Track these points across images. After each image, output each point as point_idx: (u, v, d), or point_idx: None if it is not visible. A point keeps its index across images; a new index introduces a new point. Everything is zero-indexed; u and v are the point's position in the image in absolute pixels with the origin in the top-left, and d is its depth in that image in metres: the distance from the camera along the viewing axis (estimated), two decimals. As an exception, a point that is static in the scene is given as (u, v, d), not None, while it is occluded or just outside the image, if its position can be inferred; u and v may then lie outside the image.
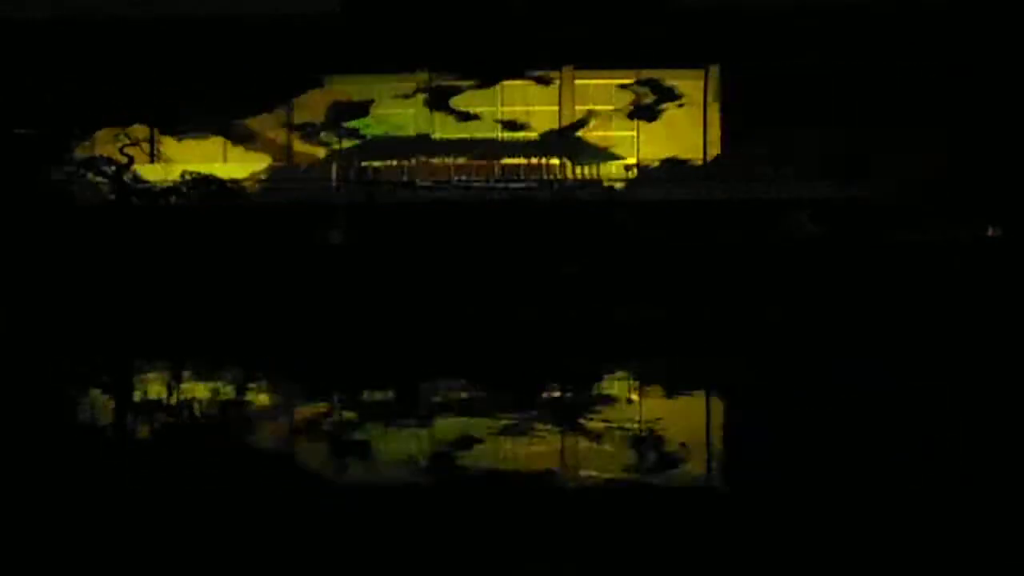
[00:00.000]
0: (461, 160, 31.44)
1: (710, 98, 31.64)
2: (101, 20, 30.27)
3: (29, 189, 26.26)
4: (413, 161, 31.11)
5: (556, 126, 31.97)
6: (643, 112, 31.77)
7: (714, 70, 31.51)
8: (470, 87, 31.82)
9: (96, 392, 13.15)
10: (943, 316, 20.73)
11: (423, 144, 31.50)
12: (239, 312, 21.87)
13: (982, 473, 8.09)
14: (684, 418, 10.79)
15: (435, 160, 31.09)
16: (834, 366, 14.63)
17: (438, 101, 32.07)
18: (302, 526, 6.53)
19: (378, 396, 12.61)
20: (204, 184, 27.14)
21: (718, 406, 11.94)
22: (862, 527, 6.47)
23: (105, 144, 30.15)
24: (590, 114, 31.69)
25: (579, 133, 31.80)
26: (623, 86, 31.82)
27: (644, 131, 31.72)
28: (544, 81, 31.77)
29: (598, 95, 31.78)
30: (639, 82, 31.81)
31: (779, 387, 12.82)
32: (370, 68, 31.31)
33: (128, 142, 28.12)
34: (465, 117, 32.33)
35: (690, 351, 16.81)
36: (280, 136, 32.48)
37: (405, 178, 30.54)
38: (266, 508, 7.07)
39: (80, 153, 28.88)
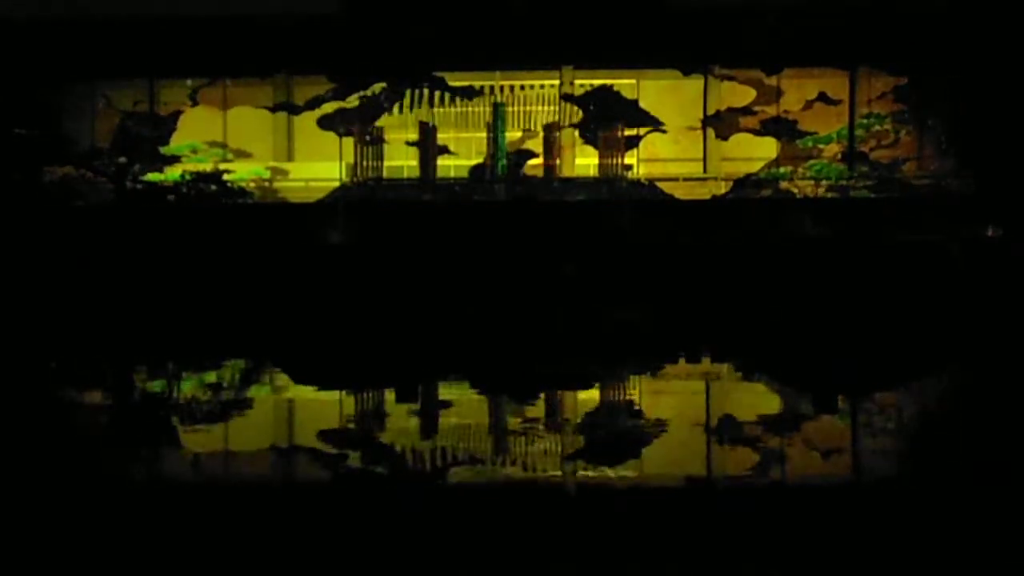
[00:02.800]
0: (461, 160, 31.53)
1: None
2: (101, 20, 30.27)
3: (29, 189, 26.26)
4: (414, 161, 31.17)
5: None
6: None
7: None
8: (469, 87, 31.84)
9: (99, 392, 13.13)
10: (943, 316, 20.74)
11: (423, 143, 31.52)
12: (240, 312, 21.86)
13: (982, 473, 8.10)
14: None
15: (436, 160, 31.13)
16: (833, 366, 14.63)
17: (437, 100, 32.10)
18: (309, 527, 6.53)
19: (385, 395, 12.60)
20: (204, 183, 27.15)
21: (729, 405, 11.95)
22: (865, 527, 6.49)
23: (105, 144, 30.20)
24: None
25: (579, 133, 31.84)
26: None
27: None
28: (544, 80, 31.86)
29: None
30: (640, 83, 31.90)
31: (778, 385, 12.88)
32: (370, 69, 31.33)
33: (128, 142, 28.17)
34: (464, 117, 32.37)
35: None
36: (280, 135, 32.51)
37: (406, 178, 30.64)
38: (269, 509, 7.07)
39: (80, 153, 28.91)
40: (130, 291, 22.17)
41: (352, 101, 31.48)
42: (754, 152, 31.55)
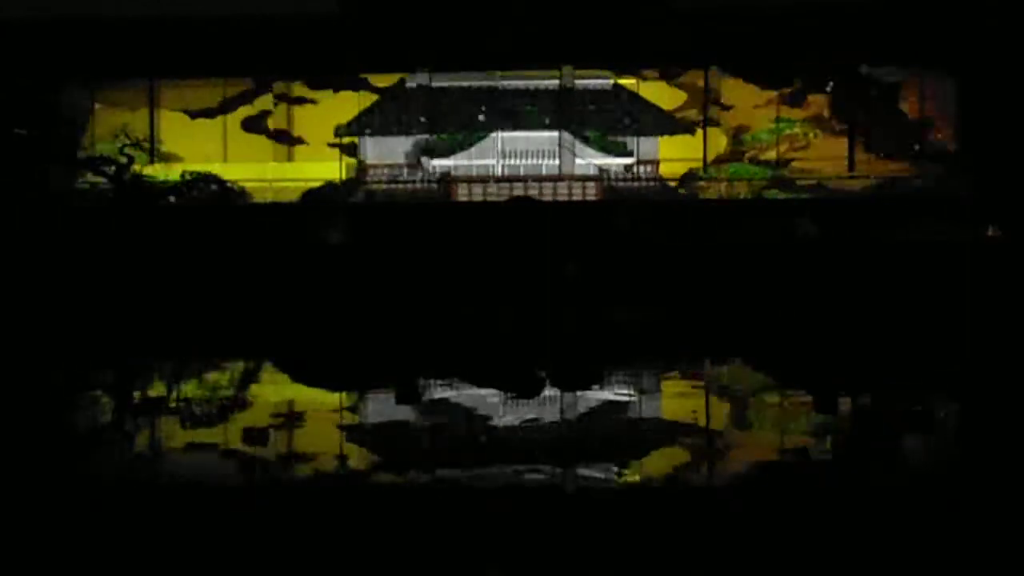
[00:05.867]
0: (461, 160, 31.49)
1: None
2: (101, 20, 30.25)
3: (29, 189, 26.24)
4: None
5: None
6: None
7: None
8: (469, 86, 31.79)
9: (101, 393, 13.14)
10: (943, 316, 20.76)
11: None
12: (240, 312, 21.87)
13: (981, 474, 8.11)
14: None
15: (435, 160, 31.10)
16: (833, 365, 14.64)
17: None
18: (315, 528, 6.53)
19: (384, 395, 12.60)
20: (204, 184, 27.14)
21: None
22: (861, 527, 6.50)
23: (105, 144, 30.16)
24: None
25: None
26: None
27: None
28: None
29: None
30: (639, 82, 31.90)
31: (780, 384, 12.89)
32: (368, 68, 31.30)
33: (128, 142, 28.13)
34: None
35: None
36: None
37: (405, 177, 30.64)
38: (272, 509, 7.07)
39: (80, 153, 28.88)
40: (129, 291, 22.18)
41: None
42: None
